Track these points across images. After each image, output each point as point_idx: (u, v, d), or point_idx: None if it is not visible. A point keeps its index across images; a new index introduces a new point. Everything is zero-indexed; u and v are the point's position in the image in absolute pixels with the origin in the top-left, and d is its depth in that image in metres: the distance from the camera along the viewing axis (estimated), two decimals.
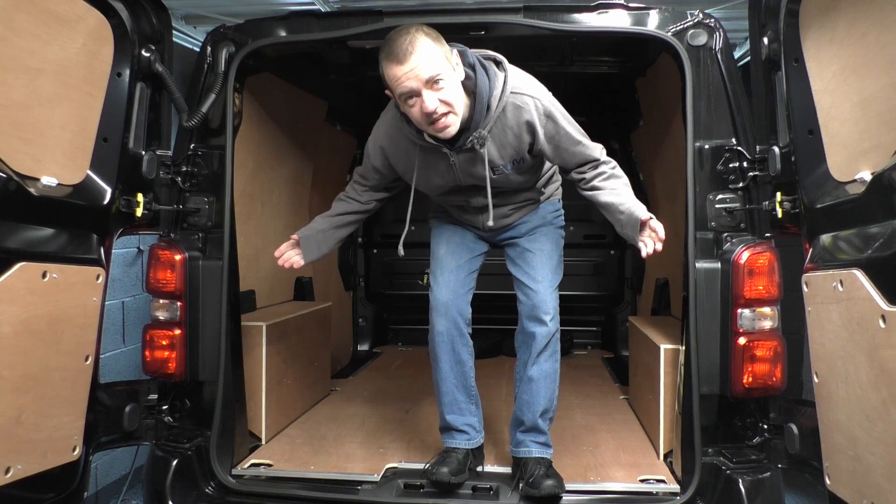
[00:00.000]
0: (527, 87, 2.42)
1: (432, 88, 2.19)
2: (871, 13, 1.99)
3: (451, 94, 2.23)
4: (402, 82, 2.18)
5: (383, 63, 2.21)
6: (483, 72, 2.35)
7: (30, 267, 2.13)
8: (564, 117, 2.48)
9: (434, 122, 2.24)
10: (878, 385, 1.83)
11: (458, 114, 2.27)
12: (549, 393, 2.74)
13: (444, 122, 2.25)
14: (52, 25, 2.24)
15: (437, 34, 2.25)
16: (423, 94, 2.19)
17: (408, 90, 2.19)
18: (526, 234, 2.82)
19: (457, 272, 2.78)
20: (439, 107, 2.21)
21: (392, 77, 2.20)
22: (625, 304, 5.38)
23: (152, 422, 2.85)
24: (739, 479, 2.54)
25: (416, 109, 2.23)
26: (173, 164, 2.84)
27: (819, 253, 2.21)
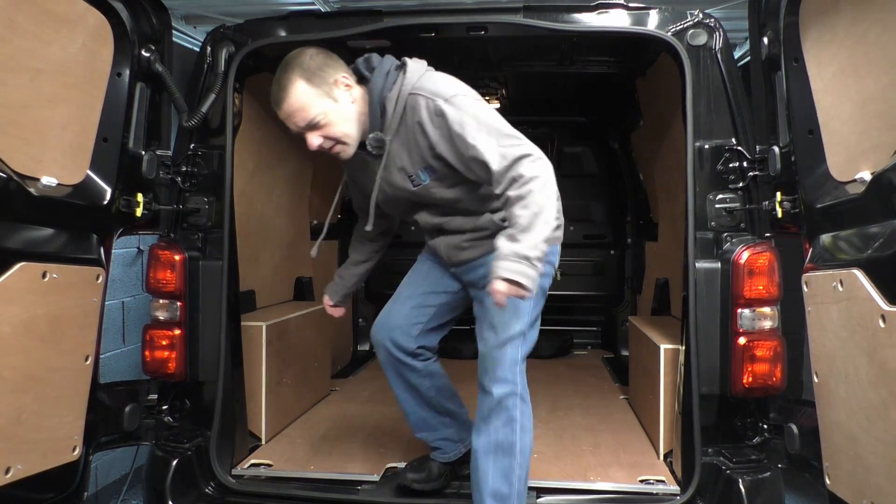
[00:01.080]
0: (427, 87, 2.20)
1: (312, 130, 2.23)
2: (872, 13, 1.99)
3: (335, 128, 2.24)
4: (287, 124, 2.26)
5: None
6: (381, 76, 2.27)
7: (30, 267, 2.13)
8: (462, 117, 2.13)
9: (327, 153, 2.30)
10: (878, 385, 1.83)
11: (348, 142, 2.28)
12: (501, 473, 2.26)
13: (336, 151, 2.29)
14: (51, 25, 2.24)
15: (317, 65, 2.23)
16: (306, 136, 2.24)
17: (294, 131, 2.26)
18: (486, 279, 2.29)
19: (404, 302, 2.62)
20: (324, 143, 2.25)
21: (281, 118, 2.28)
22: (625, 304, 5.38)
23: (152, 422, 2.84)
24: (739, 479, 2.53)
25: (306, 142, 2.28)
26: (173, 164, 2.84)
27: (819, 253, 2.21)
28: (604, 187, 5.51)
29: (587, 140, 5.54)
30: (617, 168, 5.37)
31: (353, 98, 2.27)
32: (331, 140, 2.25)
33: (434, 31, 2.80)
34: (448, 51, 3.56)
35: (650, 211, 4.79)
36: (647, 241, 4.86)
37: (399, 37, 2.90)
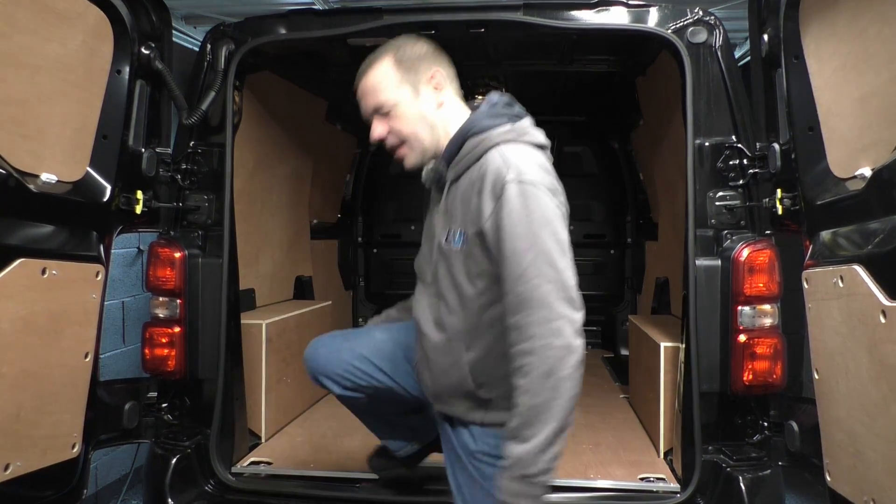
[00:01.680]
0: (514, 151, 1.76)
1: (382, 117, 1.89)
2: (872, 9, 1.99)
3: (404, 124, 1.86)
4: (360, 108, 1.95)
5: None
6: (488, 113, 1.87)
7: (29, 263, 2.13)
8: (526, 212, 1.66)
9: (391, 152, 1.95)
10: (878, 380, 1.82)
11: (415, 147, 1.87)
12: None
13: (399, 154, 1.92)
14: (51, 22, 2.24)
15: (416, 54, 1.91)
16: (372, 122, 1.92)
17: (364, 117, 1.94)
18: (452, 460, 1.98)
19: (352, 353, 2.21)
20: (388, 137, 1.89)
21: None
22: (625, 303, 5.38)
23: (152, 420, 2.84)
24: (740, 476, 2.53)
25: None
26: (173, 162, 2.84)
27: (819, 249, 2.21)
28: (604, 187, 5.51)
29: (587, 139, 5.54)
30: (617, 167, 5.37)
31: (441, 102, 1.89)
32: (396, 137, 1.89)
33: (434, 28, 2.79)
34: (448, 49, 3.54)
35: (650, 210, 4.79)
36: (646, 240, 4.86)
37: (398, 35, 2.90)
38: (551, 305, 1.62)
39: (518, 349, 1.65)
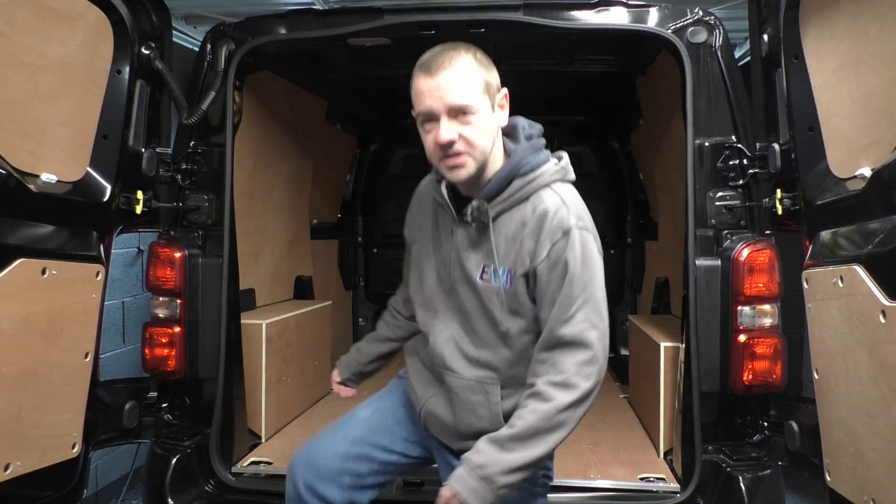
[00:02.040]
0: (569, 196, 1.83)
1: (455, 118, 1.71)
2: (872, 9, 1.99)
3: (478, 134, 1.72)
4: (424, 99, 1.72)
5: (414, 73, 1.77)
6: (531, 147, 1.86)
7: (29, 263, 2.13)
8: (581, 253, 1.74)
9: (446, 158, 1.73)
10: (878, 380, 1.82)
11: (475, 159, 1.74)
12: None
13: (458, 161, 1.72)
14: (51, 22, 2.24)
15: (489, 62, 1.81)
16: (443, 121, 1.70)
17: (427, 110, 1.72)
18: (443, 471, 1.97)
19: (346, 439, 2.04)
20: (458, 142, 1.70)
21: (416, 90, 1.74)
22: (625, 303, 5.38)
23: (152, 419, 2.84)
24: (740, 476, 2.53)
25: (430, 137, 1.74)
26: (173, 162, 2.84)
27: (819, 249, 2.21)
28: (604, 187, 5.51)
29: (587, 139, 5.54)
30: (617, 167, 5.37)
31: (501, 123, 1.83)
32: (465, 143, 1.72)
33: (434, 28, 2.79)
34: None
35: (650, 210, 4.79)
36: (646, 240, 4.86)
37: (399, 34, 2.90)
38: (595, 351, 1.71)
39: (547, 379, 1.71)
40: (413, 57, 1.84)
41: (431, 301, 1.95)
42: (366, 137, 5.40)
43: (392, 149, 5.62)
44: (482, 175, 1.79)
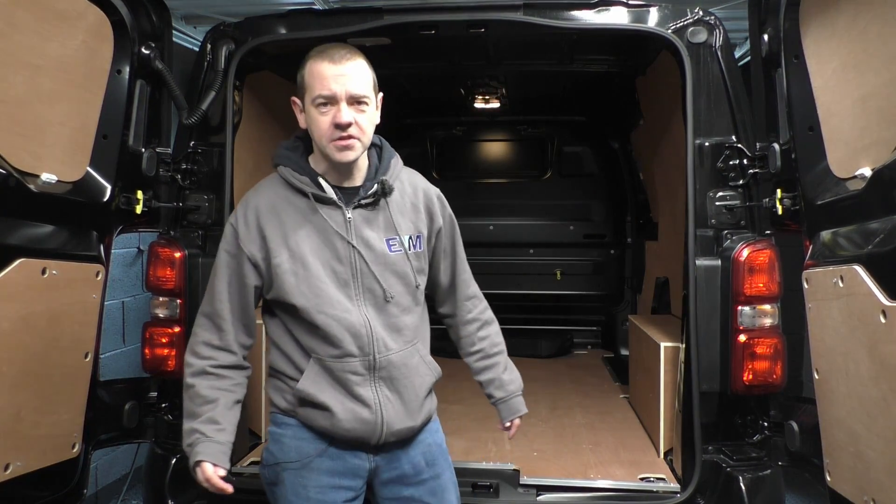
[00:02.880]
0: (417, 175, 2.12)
1: (353, 106, 1.85)
2: (872, 8, 1.99)
3: (367, 123, 1.89)
4: (327, 83, 1.83)
5: (310, 59, 1.88)
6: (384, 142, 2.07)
7: (29, 263, 2.13)
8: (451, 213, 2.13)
9: (339, 139, 1.85)
10: (878, 380, 1.82)
11: (362, 143, 1.89)
12: None
13: (350, 143, 1.85)
14: (51, 22, 2.24)
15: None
16: (342, 107, 1.84)
17: (329, 94, 1.83)
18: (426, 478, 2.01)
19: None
20: (353, 126, 1.84)
21: (316, 74, 1.85)
22: (625, 303, 5.38)
23: (152, 420, 2.84)
24: (740, 476, 2.54)
25: (326, 119, 1.84)
26: (173, 162, 2.84)
27: (819, 249, 2.21)
28: (604, 187, 5.52)
29: (587, 139, 5.55)
30: (617, 167, 5.38)
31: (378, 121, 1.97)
32: (357, 128, 1.86)
33: (434, 28, 2.80)
34: (448, 49, 3.56)
35: (650, 210, 4.79)
36: (646, 240, 4.86)
37: (399, 34, 2.90)
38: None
39: (483, 308, 2.25)
40: (413, 57, 1.85)
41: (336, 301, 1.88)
42: None
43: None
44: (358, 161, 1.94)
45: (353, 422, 1.88)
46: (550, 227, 5.57)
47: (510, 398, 2.21)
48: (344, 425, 1.88)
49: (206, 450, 1.89)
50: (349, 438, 1.90)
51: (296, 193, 1.92)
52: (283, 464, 1.95)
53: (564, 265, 5.57)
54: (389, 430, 1.91)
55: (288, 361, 1.94)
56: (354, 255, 1.90)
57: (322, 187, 1.91)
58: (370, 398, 1.89)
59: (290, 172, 1.94)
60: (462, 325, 2.20)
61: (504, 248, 5.53)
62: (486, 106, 5.04)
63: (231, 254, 1.92)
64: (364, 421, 1.88)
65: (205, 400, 1.91)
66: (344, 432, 1.89)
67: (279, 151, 2.01)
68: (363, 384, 1.89)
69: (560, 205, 5.56)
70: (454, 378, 2.71)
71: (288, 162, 1.96)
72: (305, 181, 1.92)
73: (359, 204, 1.92)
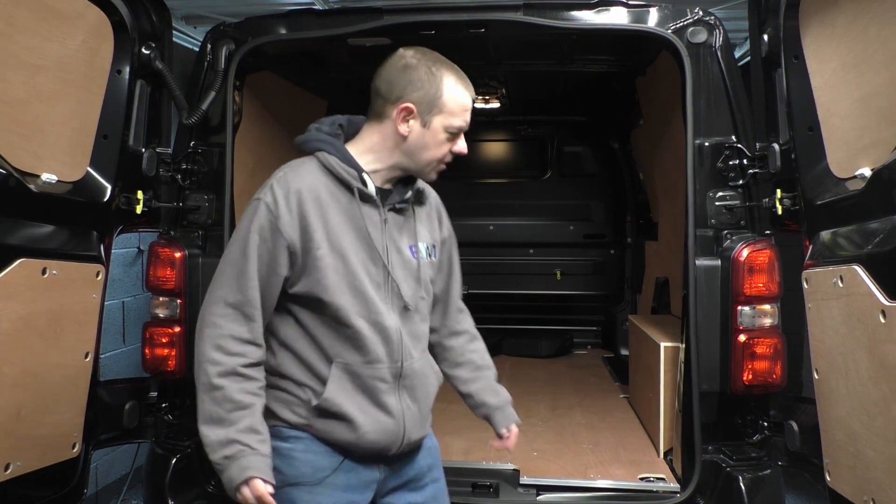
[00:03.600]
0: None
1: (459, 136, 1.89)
2: (872, 8, 1.99)
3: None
4: (467, 116, 1.85)
5: (453, 80, 1.83)
6: None
7: (29, 263, 2.13)
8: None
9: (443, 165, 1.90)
10: (878, 380, 1.83)
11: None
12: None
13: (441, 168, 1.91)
14: (51, 22, 2.24)
15: None
16: (461, 139, 1.88)
17: (464, 125, 1.85)
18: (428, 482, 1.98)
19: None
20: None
21: (461, 103, 1.83)
22: (625, 303, 5.38)
23: (152, 420, 2.84)
24: (739, 476, 2.54)
25: (446, 147, 1.85)
26: (173, 162, 2.84)
27: (819, 249, 2.21)
28: (604, 187, 5.52)
29: (587, 139, 5.55)
30: (617, 167, 5.38)
31: None
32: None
33: (434, 28, 2.80)
34: (448, 49, 3.53)
35: (650, 210, 4.79)
36: (646, 240, 4.86)
37: (399, 35, 2.90)
38: None
39: (472, 323, 2.17)
40: None
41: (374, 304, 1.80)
42: None
43: None
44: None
45: (378, 433, 1.78)
46: (550, 227, 5.57)
47: (505, 405, 2.10)
48: (370, 437, 1.77)
49: (255, 464, 1.66)
50: (372, 450, 1.80)
51: (338, 185, 1.79)
52: (294, 483, 1.77)
53: (564, 265, 5.57)
54: (408, 440, 1.84)
55: (305, 368, 1.78)
56: (387, 258, 1.82)
57: (366, 183, 1.81)
58: (395, 407, 1.80)
59: (336, 161, 1.80)
60: (451, 335, 2.10)
61: (504, 248, 5.54)
62: (486, 106, 5.04)
63: (264, 237, 1.73)
64: (388, 431, 1.79)
65: (237, 405, 1.69)
66: (369, 444, 1.78)
67: (318, 136, 1.87)
68: (389, 392, 1.80)
69: (560, 205, 5.56)
70: None
71: (332, 150, 1.82)
72: (353, 174, 1.80)
73: (393, 207, 1.86)
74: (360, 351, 1.77)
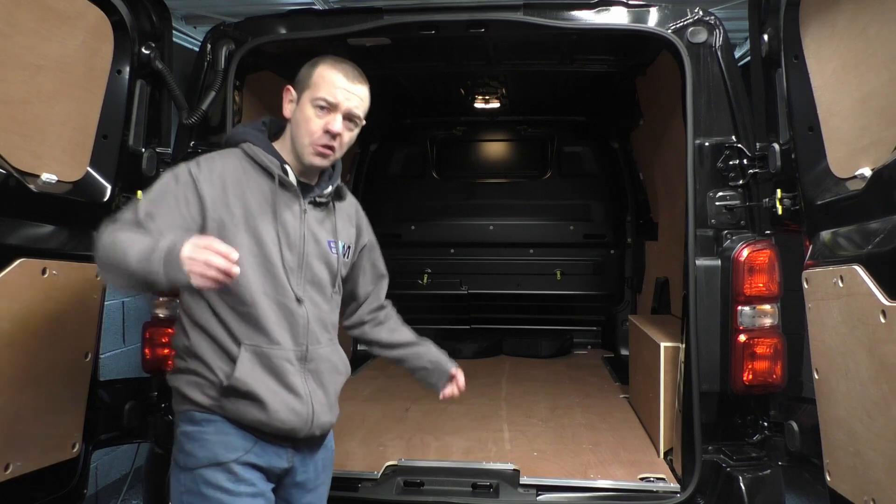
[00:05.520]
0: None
1: (346, 122, 1.94)
2: (872, 8, 1.99)
3: (349, 141, 1.99)
4: (335, 92, 1.90)
5: (325, 64, 1.94)
6: None
7: (29, 263, 2.13)
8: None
9: (322, 145, 1.91)
10: (878, 380, 1.83)
11: (337, 158, 2.00)
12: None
13: (328, 152, 1.92)
14: (52, 22, 2.24)
15: None
16: (339, 116, 1.91)
17: (334, 101, 1.90)
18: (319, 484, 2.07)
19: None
20: (342, 138, 1.94)
21: (328, 79, 1.91)
22: (625, 303, 5.38)
23: (152, 420, 2.84)
24: (740, 476, 2.53)
25: (320, 122, 1.90)
26: (173, 162, 2.83)
27: (819, 249, 2.21)
28: (604, 187, 5.51)
29: (587, 139, 5.55)
30: (617, 167, 5.38)
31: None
32: (340, 145, 1.95)
33: (434, 28, 2.80)
34: (448, 49, 3.56)
35: (650, 210, 4.79)
36: (646, 240, 4.86)
37: (399, 34, 2.91)
38: None
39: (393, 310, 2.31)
40: (413, 57, 1.85)
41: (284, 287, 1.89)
42: (365, 137, 5.40)
43: (392, 149, 5.63)
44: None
45: (287, 412, 1.85)
46: (550, 227, 5.57)
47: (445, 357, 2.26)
48: (280, 416, 1.84)
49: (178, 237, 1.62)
50: (282, 431, 1.87)
51: (260, 172, 1.92)
52: (207, 464, 1.82)
53: (564, 265, 5.57)
54: (317, 422, 1.92)
55: (216, 349, 1.84)
56: (303, 247, 1.93)
57: (287, 172, 1.94)
58: (301, 388, 1.89)
59: (260, 151, 1.94)
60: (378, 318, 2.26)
61: (504, 248, 5.54)
62: (486, 106, 5.04)
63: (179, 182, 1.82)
64: (297, 412, 1.87)
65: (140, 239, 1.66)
66: (279, 424, 1.85)
67: (244, 129, 2.02)
68: (296, 374, 1.89)
69: (560, 205, 5.56)
70: None
71: (257, 141, 1.96)
72: (275, 162, 1.93)
73: (313, 200, 1.99)
74: (263, 332, 1.85)
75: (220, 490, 1.81)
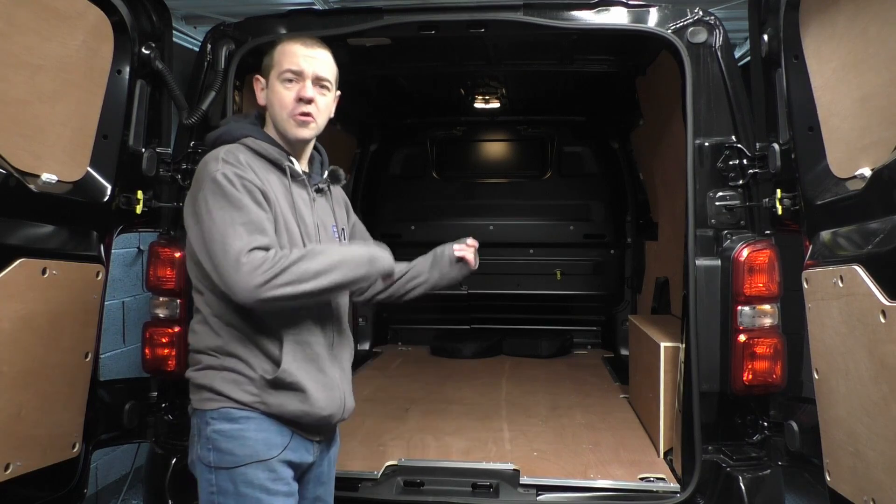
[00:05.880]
0: None
1: (316, 87, 1.93)
2: (872, 8, 1.99)
3: (326, 106, 1.97)
4: (297, 60, 1.90)
5: (281, 42, 1.95)
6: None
7: (29, 263, 2.13)
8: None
9: (300, 114, 1.91)
10: (878, 380, 1.83)
11: (319, 126, 1.97)
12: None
13: (308, 119, 1.91)
14: (52, 22, 2.24)
15: None
16: (307, 82, 1.91)
17: (298, 69, 1.90)
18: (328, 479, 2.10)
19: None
20: (315, 103, 1.92)
21: (287, 52, 1.92)
22: (625, 303, 5.38)
23: (152, 420, 2.84)
24: (739, 476, 2.54)
25: (291, 94, 1.90)
26: (173, 162, 2.83)
27: (819, 249, 2.21)
28: (604, 187, 5.52)
29: (587, 139, 5.55)
30: (617, 167, 5.38)
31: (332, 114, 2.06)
32: (317, 110, 1.94)
33: (434, 28, 2.80)
34: (448, 49, 3.56)
35: (650, 210, 4.79)
36: (646, 240, 4.86)
37: (399, 34, 2.91)
38: None
39: None
40: (413, 57, 1.85)
41: None
42: (366, 138, 5.40)
43: (392, 149, 5.63)
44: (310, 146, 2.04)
45: (325, 399, 1.88)
46: (550, 227, 5.57)
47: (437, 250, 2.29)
48: (320, 403, 1.86)
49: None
50: (322, 420, 1.88)
51: (270, 166, 1.91)
52: (248, 462, 1.80)
53: (564, 265, 5.57)
54: (347, 406, 1.97)
55: (253, 347, 1.82)
56: (318, 235, 1.97)
57: (293, 162, 1.95)
58: (333, 374, 1.93)
59: (266, 144, 1.92)
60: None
61: (504, 248, 5.54)
62: (486, 106, 5.04)
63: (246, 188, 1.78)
64: (332, 398, 1.91)
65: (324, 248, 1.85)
66: (320, 412, 1.86)
67: (242, 124, 1.98)
68: (327, 360, 1.92)
69: (560, 205, 5.56)
70: (454, 378, 2.71)
71: (258, 135, 1.94)
72: (283, 154, 1.93)
73: (317, 187, 2.03)
74: (303, 323, 1.87)
75: (260, 489, 1.80)
